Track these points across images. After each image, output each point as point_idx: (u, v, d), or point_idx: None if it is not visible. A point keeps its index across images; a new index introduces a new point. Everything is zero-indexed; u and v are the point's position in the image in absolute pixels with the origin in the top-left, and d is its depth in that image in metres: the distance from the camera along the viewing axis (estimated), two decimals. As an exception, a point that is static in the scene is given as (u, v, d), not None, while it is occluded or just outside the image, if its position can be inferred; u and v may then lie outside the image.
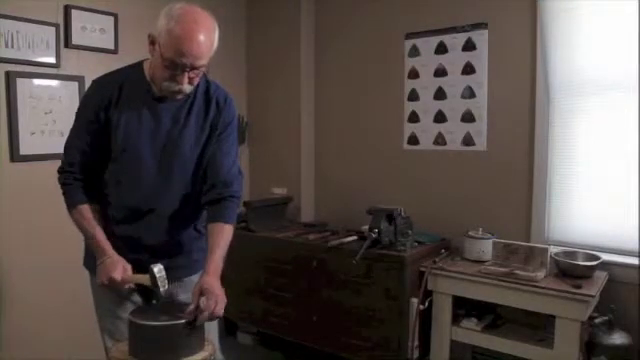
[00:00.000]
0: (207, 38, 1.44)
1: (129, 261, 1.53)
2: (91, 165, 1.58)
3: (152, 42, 1.46)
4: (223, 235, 1.58)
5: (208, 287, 1.42)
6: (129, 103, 1.54)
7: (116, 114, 1.53)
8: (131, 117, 1.54)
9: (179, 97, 1.54)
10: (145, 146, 1.55)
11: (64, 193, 1.60)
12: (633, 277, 2.40)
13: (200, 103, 1.62)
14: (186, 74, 1.46)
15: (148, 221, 1.60)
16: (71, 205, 1.58)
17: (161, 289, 1.45)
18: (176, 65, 1.43)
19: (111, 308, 1.62)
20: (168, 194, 1.61)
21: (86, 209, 1.57)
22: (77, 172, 1.58)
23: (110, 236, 1.58)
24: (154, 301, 1.53)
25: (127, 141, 1.54)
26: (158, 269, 1.45)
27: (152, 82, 1.54)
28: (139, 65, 1.60)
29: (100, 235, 1.55)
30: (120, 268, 1.49)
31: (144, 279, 1.48)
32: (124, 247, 1.57)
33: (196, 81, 1.52)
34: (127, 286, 1.52)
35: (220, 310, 1.40)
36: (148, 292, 1.65)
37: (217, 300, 1.40)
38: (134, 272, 1.52)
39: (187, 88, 1.50)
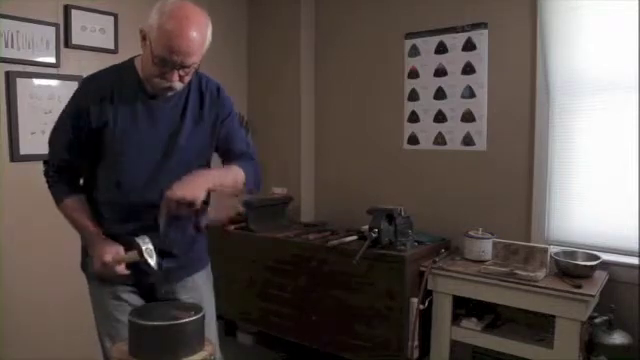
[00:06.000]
0: (199, 35, 1.41)
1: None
2: (76, 162, 1.57)
3: (143, 37, 1.44)
4: (231, 168, 1.63)
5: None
6: (123, 102, 1.51)
7: (110, 113, 1.50)
8: (126, 116, 1.51)
9: (169, 94, 1.52)
10: (142, 144, 1.53)
11: (50, 186, 1.60)
12: (633, 277, 2.40)
13: (195, 97, 1.60)
14: (176, 71, 1.44)
15: (147, 220, 1.56)
16: (59, 198, 1.58)
17: (150, 260, 1.43)
18: (166, 62, 1.41)
19: (109, 311, 1.60)
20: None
21: (75, 201, 1.57)
22: (63, 166, 1.57)
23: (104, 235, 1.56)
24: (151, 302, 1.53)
25: (123, 140, 1.51)
26: (143, 241, 1.44)
27: (145, 79, 1.52)
28: (130, 62, 1.57)
29: (91, 225, 1.54)
30: (111, 250, 1.47)
31: (133, 256, 1.45)
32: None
33: (187, 79, 1.50)
34: (121, 270, 1.48)
35: (178, 192, 1.41)
36: (147, 292, 1.64)
37: (181, 185, 1.42)
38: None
39: (177, 85, 1.49)
